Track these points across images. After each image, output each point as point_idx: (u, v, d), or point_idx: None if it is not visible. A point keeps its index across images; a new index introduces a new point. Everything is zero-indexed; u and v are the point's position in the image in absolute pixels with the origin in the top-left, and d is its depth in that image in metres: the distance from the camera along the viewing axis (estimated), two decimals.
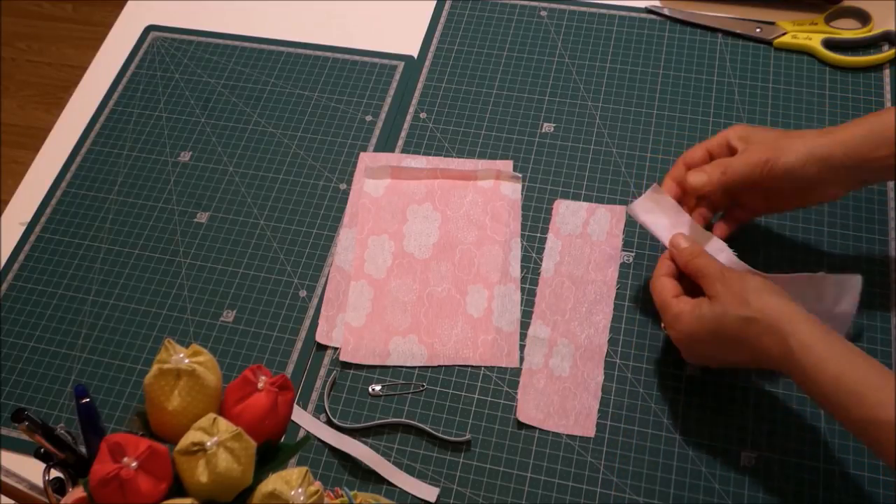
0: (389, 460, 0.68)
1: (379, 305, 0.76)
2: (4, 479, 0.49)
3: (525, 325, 0.73)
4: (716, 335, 0.62)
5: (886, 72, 0.85)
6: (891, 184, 0.78)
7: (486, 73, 0.90)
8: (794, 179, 0.65)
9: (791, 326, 0.58)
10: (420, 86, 0.89)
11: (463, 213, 0.80)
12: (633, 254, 0.76)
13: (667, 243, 0.68)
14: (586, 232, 0.78)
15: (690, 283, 0.66)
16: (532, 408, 0.69)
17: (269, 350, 0.75)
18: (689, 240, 0.67)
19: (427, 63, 0.91)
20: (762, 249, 0.75)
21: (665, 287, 0.66)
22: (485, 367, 0.72)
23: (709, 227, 0.70)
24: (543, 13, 0.93)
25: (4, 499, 0.49)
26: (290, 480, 0.46)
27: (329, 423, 0.70)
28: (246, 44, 0.96)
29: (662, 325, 0.66)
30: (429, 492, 0.66)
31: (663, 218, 0.69)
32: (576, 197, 0.80)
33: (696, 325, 0.62)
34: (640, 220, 0.70)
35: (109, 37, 0.99)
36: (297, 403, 0.71)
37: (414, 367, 0.73)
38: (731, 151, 0.68)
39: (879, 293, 0.72)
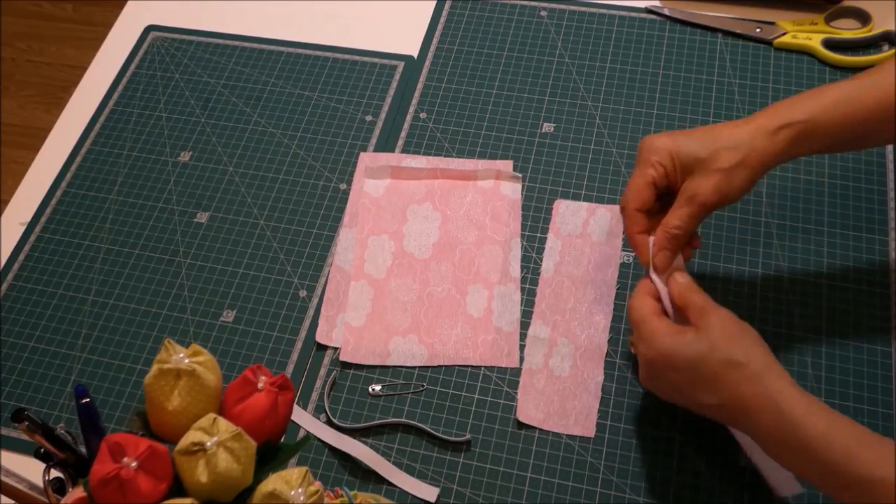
0: (389, 460, 0.68)
1: (379, 305, 0.76)
2: (4, 479, 0.49)
3: (525, 325, 0.73)
4: (692, 368, 0.58)
5: None
6: (891, 184, 0.78)
7: (486, 73, 0.90)
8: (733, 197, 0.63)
9: (777, 383, 0.55)
10: (420, 86, 0.89)
11: (463, 213, 0.80)
12: (633, 254, 0.76)
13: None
14: (586, 232, 0.78)
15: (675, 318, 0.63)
16: (532, 408, 0.69)
17: (269, 350, 0.75)
18: (687, 277, 0.63)
19: (427, 63, 0.91)
20: (762, 250, 0.75)
21: (646, 304, 0.62)
22: (485, 367, 0.72)
23: None
24: (543, 13, 0.93)
25: (4, 499, 0.49)
26: (290, 480, 0.46)
27: (329, 423, 0.70)
28: (246, 44, 0.96)
29: (630, 342, 0.62)
30: (429, 492, 0.66)
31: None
32: (576, 197, 0.80)
33: (673, 348, 0.58)
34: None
35: (109, 37, 0.99)
36: (297, 403, 0.71)
37: (414, 367, 0.73)
38: (672, 171, 0.63)
39: (879, 293, 0.72)
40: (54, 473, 0.50)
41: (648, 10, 0.92)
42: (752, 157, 0.61)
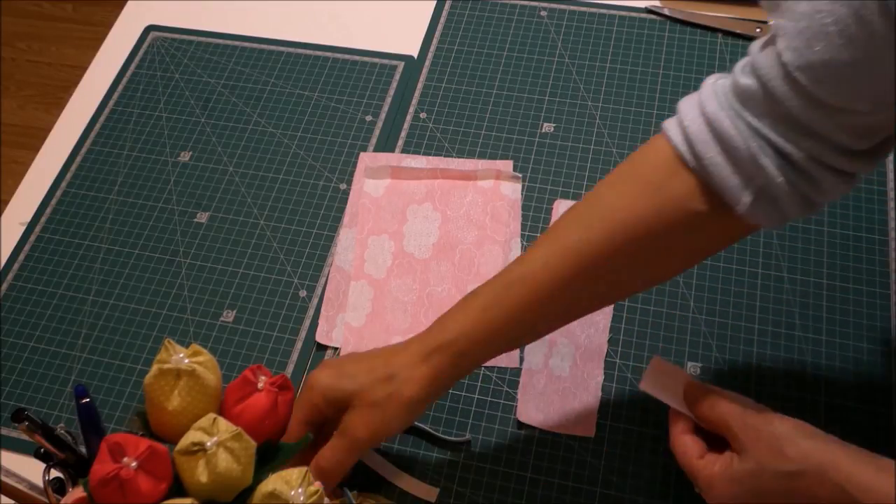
0: (389, 460, 0.68)
1: (379, 305, 0.76)
2: (4, 479, 0.49)
3: None
4: (758, 495, 0.54)
5: None
6: (891, 183, 0.78)
7: (486, 73, 0.90)
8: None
9: (841, 472, 0.51)
10: (420, 86, 0.89)
11: (463, 213, 0.80)
12: None
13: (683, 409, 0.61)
14: None
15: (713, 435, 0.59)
16: (532, 408, 0.69)
17: (269, 350, 0.75)
18: (703, 388, 0.59)
19: (427, 63, 0.91)
20: (762, 250, 0.75)
21: (687, 447, 0.58)
22: (485, 366, 0.72)
23: None
24: (543, 13, 0.93)
25: (4, 499, 0.49)
26: (290, 480, 0.46)
27: None
28: (246, 44, 0.96)
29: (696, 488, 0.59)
30: (429, 492, 0.66)
31: (673, 387, 0.61)
32: (576, 197, 0.80)
33: (732, 488, 0.55)
34: (656, 396, 0.62)
35: (109, 37, 0.99)
36: None
37: None
38: (328, 409, 0.58)
39: (879, 293, 0.72)
40: (54, 473, 0.50)
41: (648, 10, 0.92)
42: (405, 389, 0.57)
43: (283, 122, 0.89)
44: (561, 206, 0.79)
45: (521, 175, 0.81)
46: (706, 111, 0.51)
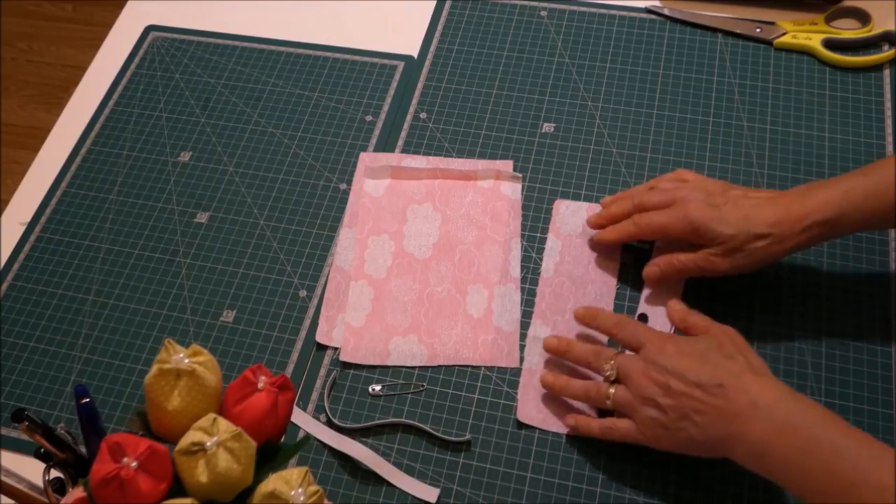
0: (389, 460, 0.68)
1: (379, 305, 0.76)
2: (4, 479, 0.49)
3: (525, 325, 0.73)
4: (696, 348, 0.62)
5: (886, 72, 0.85)
6: None
7: (486, 73, 0.90)
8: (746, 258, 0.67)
9: (773, 379, 0.60)
10: (420, 86, 0.89)
11: (463, 213, 0.80)
12: (632, 254, 0.76)
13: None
14: (586, 232, 0.78)
15: None
16: (532, 408, 0.69)
17: (269, 350, 0.75)
18: (682, 304, 0.69)
19: (427, 63, 0.91)
20: None
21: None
22: (485, 367, 0.72)
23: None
24: (543, 13, 0.93)
25: (4, 499, 0.49)
26: (290, 480, 0.46)
27: (329, 423, 0.70)
28: (246, 44, 0.96)
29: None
30: (429, 492, 0.66)
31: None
32: (576, 197, 0.80)
33: (676, 337, 0.65)
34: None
35: (109, 37, 0.99)
36: (297, 403, 0.71)
37: (414, 367, 0.73)
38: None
39: (879, 293, 0.72)
40: (54, 473, 0.50)
41: (648, 10, 0.92)
42: (775, 248, 0.65)
43: (283, 122, 0.89)
44: (561, 206, 0.79)
45: (521, 175, 0.81)
46: None
